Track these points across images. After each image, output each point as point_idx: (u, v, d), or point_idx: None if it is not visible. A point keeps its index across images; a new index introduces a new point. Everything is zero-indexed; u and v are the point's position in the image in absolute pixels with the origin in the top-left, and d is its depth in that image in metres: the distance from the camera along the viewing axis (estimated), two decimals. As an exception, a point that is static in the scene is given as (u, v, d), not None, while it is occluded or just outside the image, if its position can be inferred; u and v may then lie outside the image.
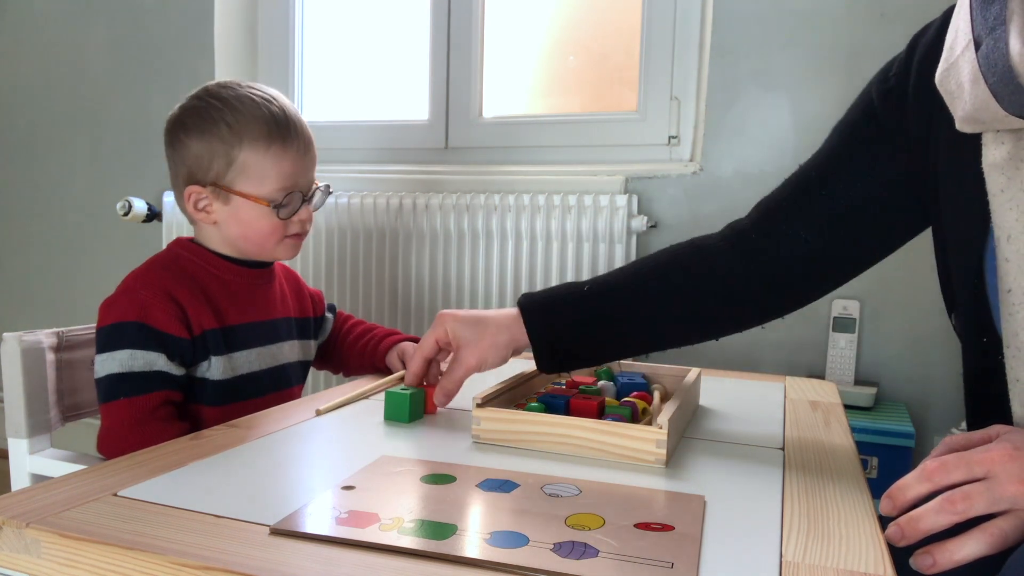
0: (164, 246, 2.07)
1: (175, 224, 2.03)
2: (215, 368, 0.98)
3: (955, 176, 0.71)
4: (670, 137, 1.77)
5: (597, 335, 0.84)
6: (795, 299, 0.85)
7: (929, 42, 0.74)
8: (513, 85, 1.98)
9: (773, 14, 1.61)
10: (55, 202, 2.34)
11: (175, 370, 0.94)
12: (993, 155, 0.65)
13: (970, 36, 0.62)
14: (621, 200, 1.64)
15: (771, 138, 1.63)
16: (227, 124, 0.97)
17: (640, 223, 1.66)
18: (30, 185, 2.37)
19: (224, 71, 2.12)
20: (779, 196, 0.87)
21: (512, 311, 0.85)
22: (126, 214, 2.04)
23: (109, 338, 0.92)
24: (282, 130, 0.99)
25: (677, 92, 1.76)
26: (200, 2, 2.09)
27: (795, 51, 1.60)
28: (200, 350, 0.97)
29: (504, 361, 0.85)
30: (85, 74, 2.27)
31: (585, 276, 1.66)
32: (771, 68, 1.62)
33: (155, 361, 0.92)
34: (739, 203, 1.64)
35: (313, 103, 2.17)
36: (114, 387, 0.91)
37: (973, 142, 0.67)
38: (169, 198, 2.03)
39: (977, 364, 0.73)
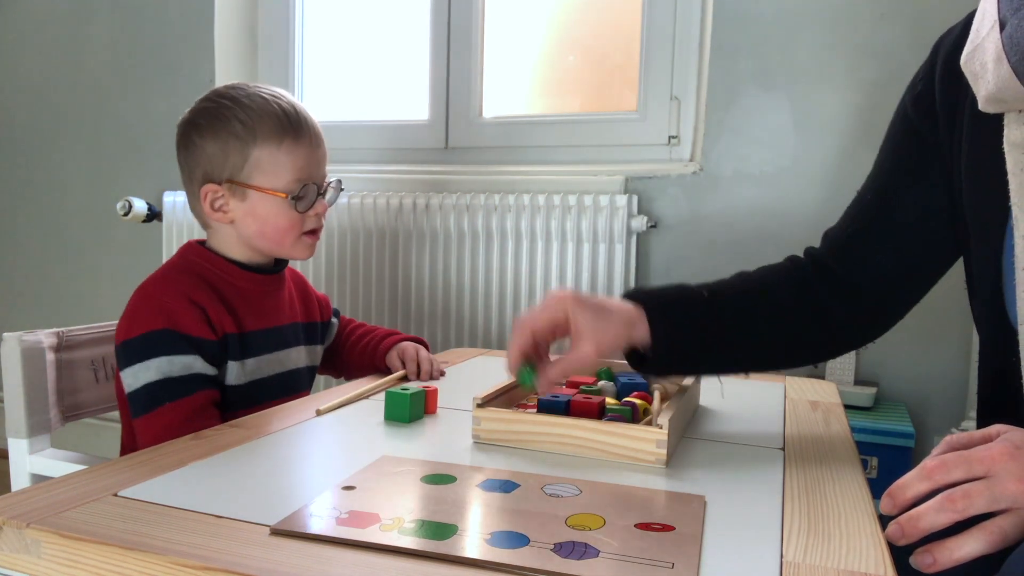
0: (164, 246, 2.08)
1: (175, 224, 2.03)
2: (231, 373, 0.98)
3: (977, 157, 0.72)
4: (670, 137, 1.77)
5: (712, 343, 0.81)
6: (884, 319, 0.86)
7: (954, 39, 0.76)
8: (513, 85, 1.98)
9: (773, 14, 1.61)
10: (55, 202, 2.34)
11: (210, 371, 0.94)
12: (1014, 135, 0.66)
13: (996, 17, 0.63)
14: (621, 200, 1.64)
15: (771, 138, 1.63)
16: (240, 121, 0.98)
17: (640, 223, 1.66)
18: (30, 185, 2.37)
19: (224, 71, 2.12)
20: (843, 223, 0.87)
21: (627, 304, 0.79)
22: (126, 214, 2.04)
23: (140, 349, 0.91)
24: (293, 124, 1.00)
25: (677, 92, 1.76)
26: (200, 2, 2.09)
27: (795, 51, 1.60)
28: (221, 353, 0.97)
29: (615, 355, 0.80)
30: (85, 74, 2.27)
31: (585, 276, 1.67)
32: (771, 68, 1.62)
33: (192, 364, 0.92)
34: (739, 203, 1.66)
35: (313, 103, 2.17)
36: (155, 395, 0.90)
37: (995, 123, 0.68)
38: (169, 198, 2.03)
39: (993, 352, 0.74)
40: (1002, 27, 0.63)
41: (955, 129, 0.75)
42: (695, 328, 0.80)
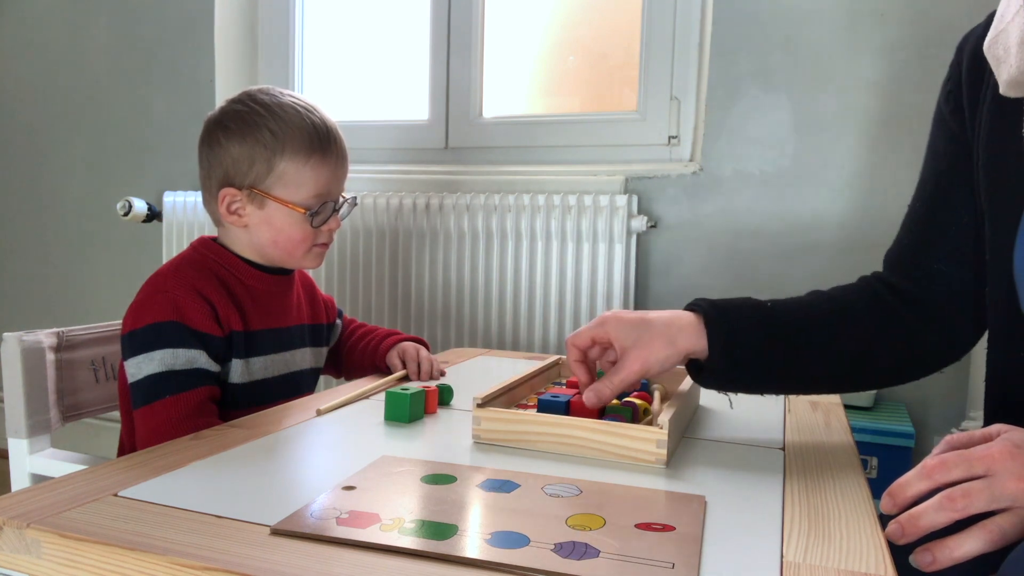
0: (164, 246, 2.08)
1: (175, 224, 2.03)
2: (234, 371, 0.98)
3: (996, 147, 0.72)
4: (670, 137, 1.77)
5: (777, 352, 0.77)
6: (965, 333, 0.81)
7: (978, 36, 0.76)
8: (513, 85, 1.98)
9: (773, 14, 1.61)
10: (55, 202, 2.34)
11: (213, 367, 0.95)
12: None
13: (1021, 2, 0.63)
14: (621, 200, 1.64)
15: (771, 138, 1.63)
16: (270, 131, 0.97)
17: (640, 223, 1.66)
18: (30, 185, 2.37)
19: (224, 71, 2.12)
20: (899, 240, 0.85)
21: (682, 314, 0.77)
22: (126, 214, 2.04)
23: (145, 339, 0.91)
24: (322, 141, 1.00)
25: (677, 92, 1.76)
26: (200, 2, 2.09)
27: (795, 51, 1.60)
28: (226, 350, 0.97)
29: (670, 368, 0.77)
30: (85, 74, 2.27)
31: (585, 276, 1.67)
32: (771, 68, 1.62)
33: (196, 358, 0.92)
34: (739, 203, 1.66)
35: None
36: (157, 386, 0.90)
37: (1015, 113, 0.68)
38: (169, 198, 2.03)
39: (1003, 344, 0.73)
40: None
41: (976, 118, 0.76)
42: (755, 335, 0.76)
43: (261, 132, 0.97)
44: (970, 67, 0.77)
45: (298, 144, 0.98)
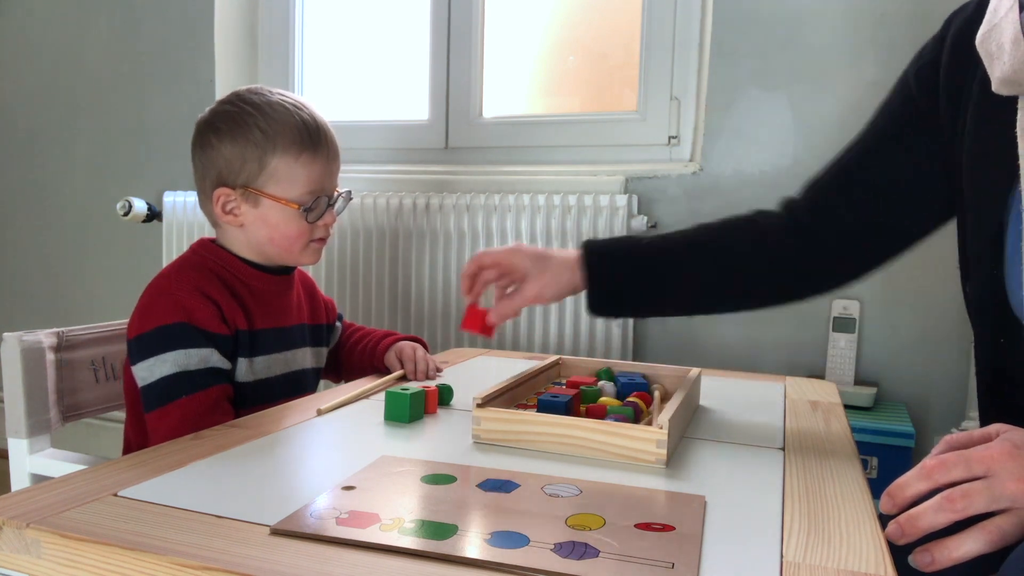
0: (164, 246, 2.08)
1: (175, 224, 2.02)
2: (239, 370, 0.98)
3: (984, 141, 0.72)
4: (670, 137, 1.77)
5: (650, 285, 0.89)
6: (835, 277, 0.89)
7: (966, 17, 0.76)
8: (513, 85, 1.98)
9: (773, 14, 1.61)
10: (55, 202, 2.34)
11: (225, 365, 0.95)
12: None
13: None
14: (621, 200, 1.64)
15: (771, 138, 1.63)
16: (260, 129, 0.98)
17: (640, 223, 1.66)
18: (30, 185, 2.38)
19: (224, 71, 2.12)
20: (823, 175, 0.89)
21: (573, 253, 0.90)
22: (126, 214, 2.04)
23: (154, 342, 0.91)
24: (312, 137, 1.01)
25: (677, 92, 1.76)
26: (200, 2, 2.09)
27: (795, 51, 1.60)
28: (234, 349, 0.98)
29: (561, 298, 0.91)
30: (85, 74, 2.27)
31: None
32: (771, 68, 1.62)
33: (209, 357, 0.93)
34: (739, 203, 1.64)
35: (313, 103, 2.16)
36: (172, 387, 0.90)
37: (1006, 107, 0.68)
38: (169, 198, 2.03)
39: (992, 344, 0.74)
40: (1021, 8, 0.63)
41: (959, 109, 0.75)
42: (630, 271, 0.88)
43: (251, 131, 0.98)
44: (953, 52, 0.77)
45: (288, 141, 0.99)
